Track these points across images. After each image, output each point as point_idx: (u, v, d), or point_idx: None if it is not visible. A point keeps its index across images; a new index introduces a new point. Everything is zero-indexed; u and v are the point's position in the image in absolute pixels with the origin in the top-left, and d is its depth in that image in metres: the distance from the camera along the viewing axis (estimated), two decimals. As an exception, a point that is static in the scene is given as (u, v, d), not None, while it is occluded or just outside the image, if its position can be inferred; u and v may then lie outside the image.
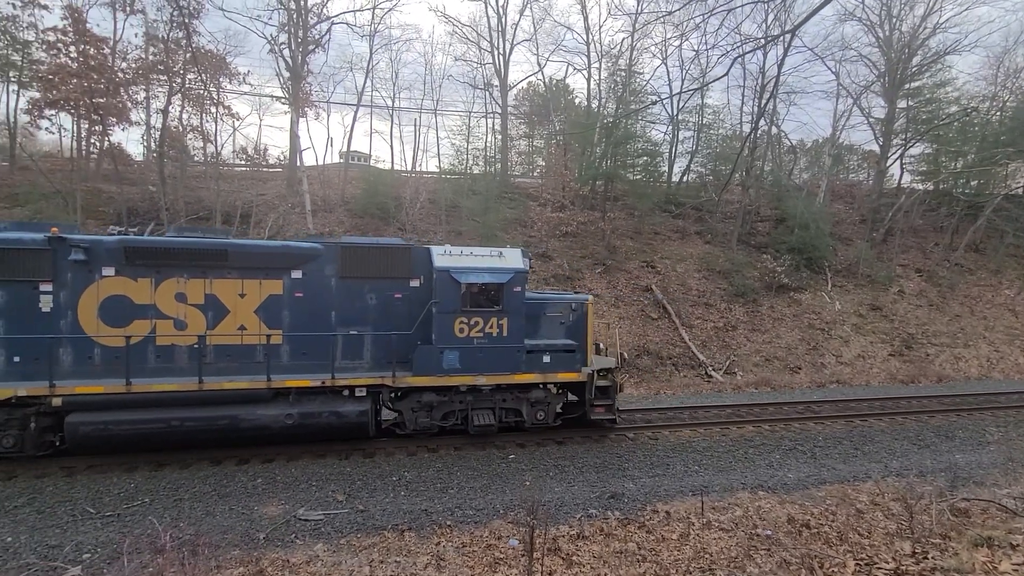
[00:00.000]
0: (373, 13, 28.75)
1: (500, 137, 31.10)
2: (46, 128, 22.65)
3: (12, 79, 21.41)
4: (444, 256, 9.28)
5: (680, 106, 27.70)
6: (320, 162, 29.41)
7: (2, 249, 7.93)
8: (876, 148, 29.79)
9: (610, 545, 6.40)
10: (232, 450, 8.72)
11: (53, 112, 20.69)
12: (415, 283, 9.46)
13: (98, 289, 8.36)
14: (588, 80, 30.98)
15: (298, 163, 24.06)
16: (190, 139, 23.94)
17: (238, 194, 22.05)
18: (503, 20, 29.77)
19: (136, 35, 23.03)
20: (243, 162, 28.51)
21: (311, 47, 24.30)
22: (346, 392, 9.04)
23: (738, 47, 9.04)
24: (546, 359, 9.64)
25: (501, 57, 29.78)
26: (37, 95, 20.42)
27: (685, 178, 29.87)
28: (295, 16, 23.51)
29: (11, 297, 8.01)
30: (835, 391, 16.00)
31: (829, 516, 7.32)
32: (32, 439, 8.06)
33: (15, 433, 8.00)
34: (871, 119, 28.78)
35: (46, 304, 8.18)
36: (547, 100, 32.64)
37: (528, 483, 8.05)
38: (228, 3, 27.13)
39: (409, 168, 31.69)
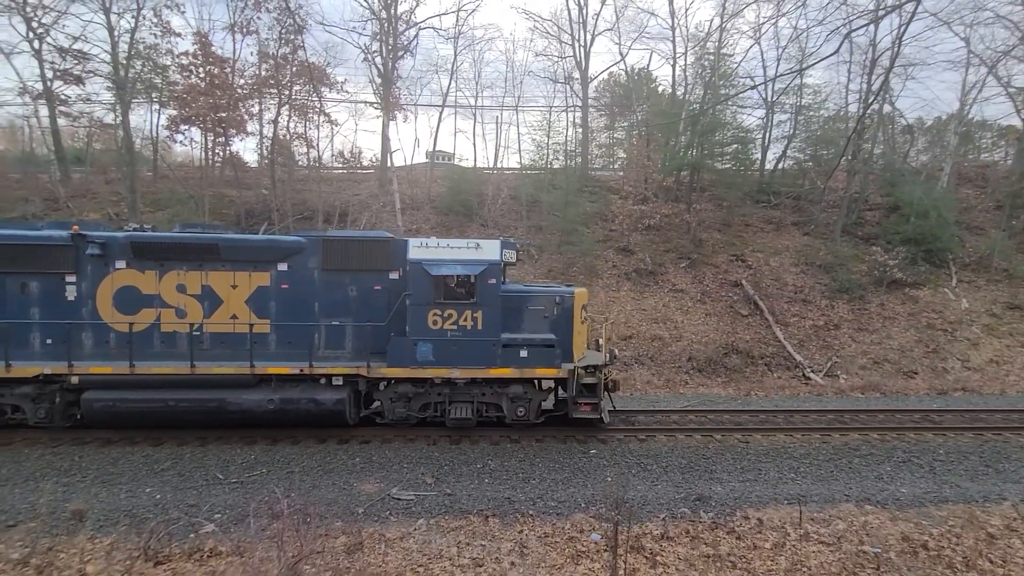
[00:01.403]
0: (457, 16, 29.61)
1: (580, 130, 30.77)
2: (180, 141, 25.94)
3: (154, 100, 24.69)
4: (419, 248, 9.33)
5: (776, 89, 25.76)
6: (408, 162, 30.88)
7: (36, 246, 9.15)
8: (1017, 123, 25.80)
9: (697, 548, 6.23)
10: (334, 431, 9.51)
11: (186, 127, 23.62)
12: (394, 275, 9.56)
13: (112, 280, 9.30)
14: (673, 67, 29.76)
15: (388, 164, 25.45)
16: (295, 146, 26.23)
17: (336, 195, 23.80)
18: (584, 11, 29.37)
19: (251, 54, 25.48)
20: (340, 165, 30.69)
21: (400, 53, 25.55)
22: (323, 380, 9.35)
23: (847, 22, 8.22)
24: (523, 353, 9.31)
25: (582, 49, 29.42)
26: (174, 112, 23.42)
27: (781, 165, 27.74)
28: (386, 24, 24.81)
29: (43, 287, 9.18)
30: (960, 400, 14.18)
31: (952, 538, 6.58)
32: (59, 412, 9.19)
33: (46, 406, 9.16)
34: (1011, 89, 24.94)
35: (71, 293, 9.26)
36: (629, 90, 31.75)
37: (610, 479, 8.02)
38: (327, 17, 29.09)
39: (491, 165, 32.33)
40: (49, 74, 21.64)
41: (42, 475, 7.84)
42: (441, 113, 29.59)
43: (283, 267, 9.51)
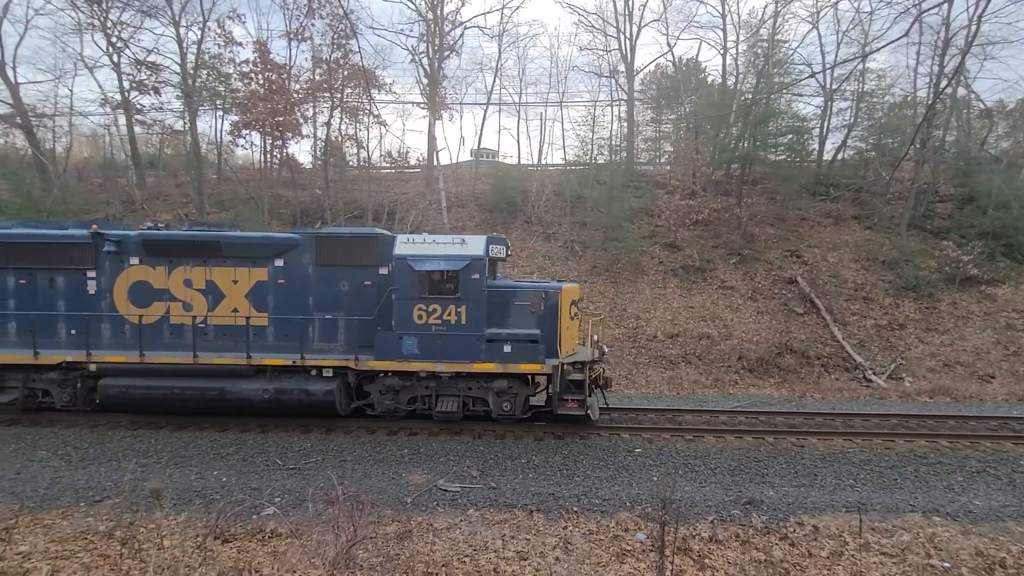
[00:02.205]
0: (502, 14, 29.75)
1: (625, 125, 30.25)
2: (241, 145, 27.48)
3: (218, 106, 26.24)
4: (405, 244, 9.44)
5: (836, 75, 24.40)
6: (453, 161, 31.38)
7: (61, 244, 9.84)
8: (1119, 103, 23.29)
9: (748, 553, 6.07)
10: (383, 422, 9.86)
11: (247, 131, 24.97)
12: (384, 271, 9.69)
13: (127, 276, 9.92)
14: (724, 56, 28.73)
15: (435, 163, 25.93)
16: (347, 147, 27.19)
17: (385, 194, 24.50)
18: (630, 2, 28.81)
19: (306, 59, 26.58)
20: (389, 165, 31.56)
21: (446, 53, 25.95)
22: (314, 372, 9.63)
23: (917, 3, 7.67)
24: (507, 348, 9.28)
25: (628, 41, 28.88)
26: (236, 118, 24.80)
27: (840, 156, 26.27)
28: (432, 26, 25.24)
29: (68, 282, 9.90)
30: (1045, 408, 13.05)
31: (1033, 556, 6.10)
32: (81, 396, 9.95)
33: (70, 391, 9.95)
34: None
35: (92, 288, 9.92)
36: (676, 82, 30.90)
37: (656, 478, 7.92)
38: (374, 18, 29.90)
39: (535, 162, 32.32)
40: (126, 85, 23.38)
41: (123, 456, 8.53)
42: (486, 111, 29.91)
43: (279, 263, 9.88)
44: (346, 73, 23.35)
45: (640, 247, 20.63)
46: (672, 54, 31.71)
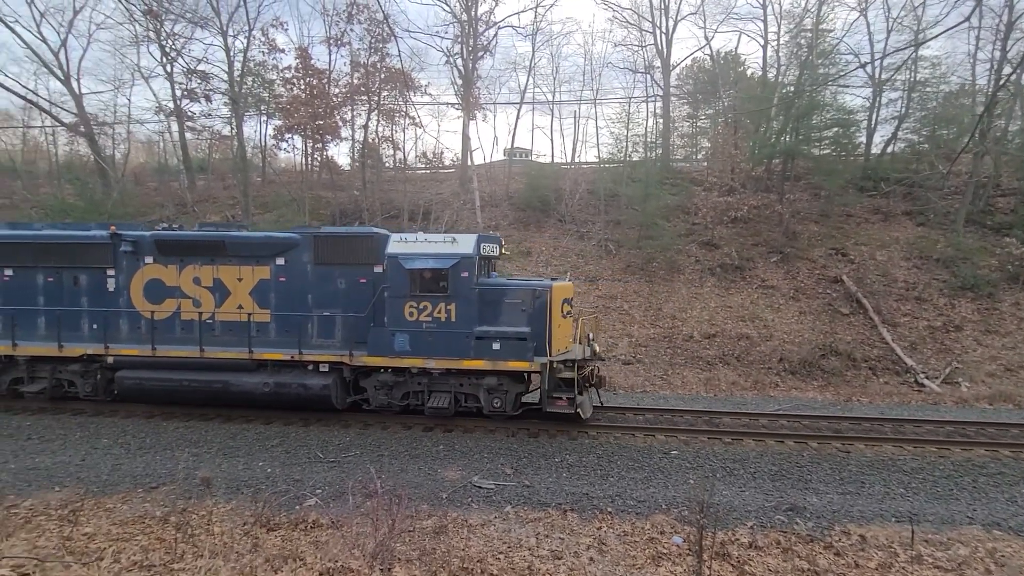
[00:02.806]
0: (535, 12, 29.70)
1: (661, 121, 29.72)
2: (284, 148, 28.48)
3: (262, 112, 27.29)
4: (398, 243, 9.59)
5: (886, 64, 23.25)
6: (487, 160, 31.56)
7: (84, 244, 10.46)
8: None
9: (790, 561, 5.89)
10: (419, 418, 10.04)
11: (289, 135, 25.87)
12: (378, 269, 9.81)
13: (143, 274, 10.43)
14: (764, 47, 27.86)
15: (469, 162, 26.17)
16: (383, 149, 27.79)
17: (420, 194, 24.89)
18: (666, -4, 28.24)
19: (344, 64, 27.30)
20: (424, 165, 32.06)
21: (480, 54, 26.13)
22: (311, 367, 9.91)
23: (976, -15, 7.21)
24: (496, 346, 9.27)
25: (663, 36, 28.39)
26: (279, 122, 25.72)
27: (890, 149, 25.02)
28: (467, 27, 25.48)
29: (91, 280, 10.51)
30: (1122, 417, 12.09)
31: (1106, 576, 5.69)
32: (101, 387, 10.61)
33: (91, 381, 10.60)
34: None
35: (111, 285, 10.49)
36: (714, 76, 30.14)
37: (692, 481, 7.78)
38: (410, 21, 30.34)
39: (568, 160, 32.18)
40: (178, 94, 24.60)
41: (177, 446, 9.00)
42: (519, 110, 29.93)
43: (280, 261, 10.20)
44: (383, 76, 23.85)
45: (676, 245, 20.24)
46: (710, 48, 31.01)
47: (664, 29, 28.34)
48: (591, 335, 10.25)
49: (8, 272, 10.67)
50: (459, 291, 9.32)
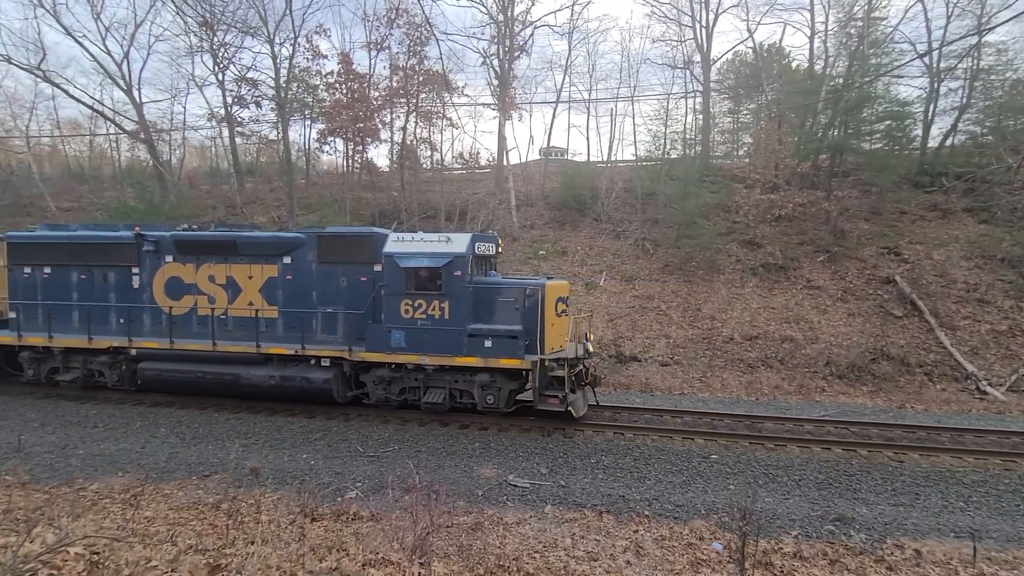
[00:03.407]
0: (572, 10, 29.53)
1: (701, 117, 29.00)
2: (326, 151, 29.35)
3: (306, 116, 28.25)
4: (394, 243, 9.83)
5: (946, 51, 21.90)
6: (523, 160, 31.63)
7: (112, 244, 11.19)
8: None
9: (838, 574, 5.67)
10: (456, 415, 10.17)
11: (332, 138, 26.66)
12: (377, 267, 10.03)
13: (163, 272, 11.06)
14: (811, 38, 26.75)
15: (504, 162, 26.28)
16: (421, 150, 28.28)
17: (456, 194, 25.17)
18: (707, -12, 27.51)
19: (384, 67, 27.94)
20: (460, 166, 32.43)
21: (516, 54, 26.19)
22: (313, 361, 10.28)
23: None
24: (487, 344, 9.38)
25: (703, 30, 27.67)
26: (322, 126, 26.58)
27: (949, 141, 23.55)
28: (503, 27, 25.58)
29: (118, 277, 11.25)
30: None
31: None
32: (126, 377, 11.34)
33: (118, 372, 11.34)
34: None
35: (136, 282, 11.18)
36: (757, 69, 29.14)
37: (732, 487, 7.59)
38: (448, 24, 30.71)
39: (605, 159, 31.86)
40: (229, 100, 25.77)
41: (227, 436, 9.46)
42: (555, 109, 29.84)
43: (287, 260, 10.62)
44: (421, 79, 24.26)
45: (716, 244, 19.71)
46: (752, 40, 29.89)
47: (704, 23, 27.65)
48: (590, 335, 10.38)
49: (47, 270, 11.55)
50: (452, 289, 9.51)
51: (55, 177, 32.34)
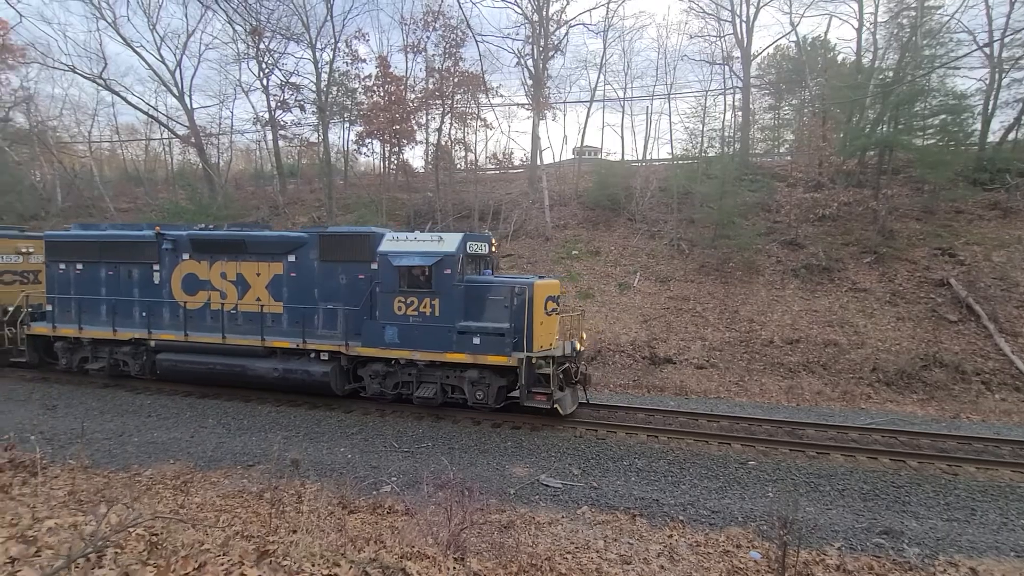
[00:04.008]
0: (607, 8, 29.24)
1: (740, 114, 28.25)
2: (364, 153, 30.06)
3: (345, 119, 29.01)
4: (389, 241, 10.09)
5: (1008, 40, 20.59)
6: (556, 160, 31.53)
7: (136, 242, 11.86)
8: None
9: (883, 587, 5.45)
10: (488, 414, 10.25)
11: (369, 140, 27.27)
12: (374, 266, 10.25)
13: (180, 269, 11.63)
14: (859, 30, 25.60)
15: (538, 162, 26.28)
16: (455, 151, 28.62)
17: (490, 194, 25.35)
18: (747, -19, 26.75)
19: (420, 70, 28.40)
20: (494, 166, 32.64)
21: (551, 53, 26.14)
22: (313, 355, 10.69)
23: None
24: (476, 340, 9.56)
25: (743, 24, 26.93)
26: (360, 129, 27.24)
27: (1013, 135, 22.12)
28: (538, 27, 25.59)
29: (141, 273, 11.92)
30: None
31: None
32: (147, 367, 12.00)
33: (140, 362, 12.06)
34: None
35: (156, 278, 11.82)
36: (800, 64, 28.11)
37: (772, 495, 7.39)
38: (483, 25, 30.94)
39: (640, 158, 31.44)
40: (272, 105, 26.71)
41: (269, 428, 9.83)
42: (589, 108, 29.63)
43: (292, 258, 11.01)
44: (456, 80, 24.52)
45: (755, 245, 19.14)
46: (796, 33, 28.95)
47: (744, 17, 26.90)
48: (581, 333, 10.64)
49: (79, 266, 12.37)
50: (442, 287, 9.72)
51: (114, 179, 34.32)
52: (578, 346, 10.14)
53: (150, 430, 9.75)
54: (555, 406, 9.52)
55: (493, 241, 11.07)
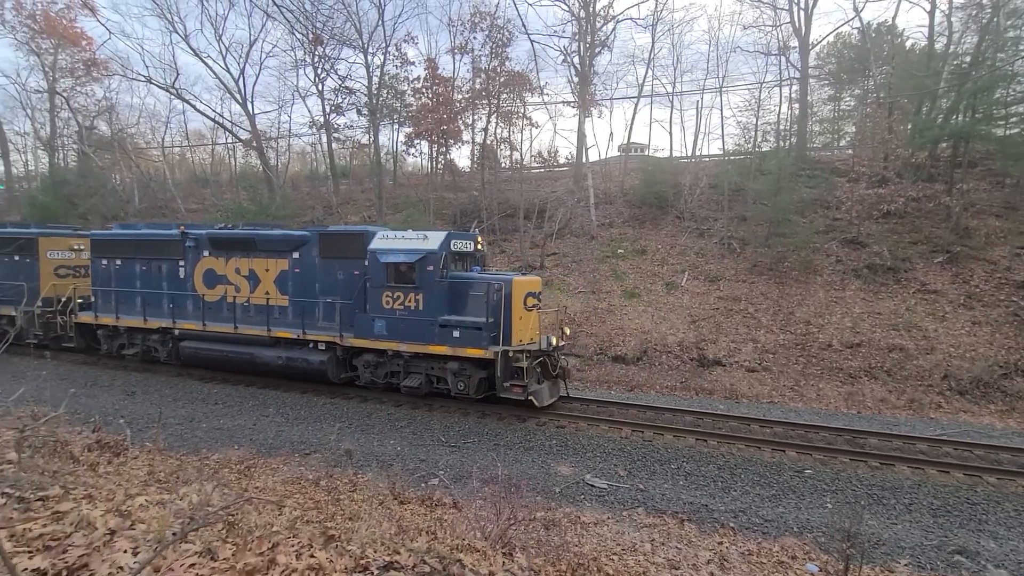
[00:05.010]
0: (656, 1, 28.60)
1: (797, 106, 26.93)
2: (412, 154, 30.78)
3: (394, 121, 29.81)
4: (379, 239, 10.68)
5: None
6: (602, 157, 31.17)
7: (164, 241, 13.05)
8: None
9: (955, 609, 5.13)
10: (534, 412, 10.32)
11: (418, 141, 27.90)
12: (367, 262, 10.79)
13: (202, 264, 12.64)
14: (931, 13, 23.83)
15: (583, 160, 26.07)
16: (500, 150, 28.81)
17: (535, 193, 25.36)
18: (807, -33, 25.45)
19: (467, 70, 28.79)
20: (539, 164, 32.63)
21: (598, 49, 25.84)
22: (311, 345, 11.42)
23: None
24: (456, 334, 9.97)
25: (801, 13, 25.63)
26: (409, 130, 27.88)
27: (1113, 123, 20.03)
28: (584, 23, 25.37)
29: (169, 269, 13.06)
30: None
31: None
32: (173, 354, 13.13)
33: (167, 349, 13.19)
34: None
35: (181, 273, 12.90)
36: (864, 51, 26.50)
37: (830, 506, 7.08)
38: (529, 24, 30.99)
39: (689, 154, 30.60)
40: (327, 109, 27.77)
41: (324, 419, 10.28)
42: (636, 104, 29.08)
43: (296, 255, 11.75)
44: (502, 80, 24.67)
45: (812, 243, 18.25)
46: (860, 20, 27.23)
47: (802, 5, 25.59)
48: (564, 330, 11.23)
49: (118, 262, 13.67)
50: (425, 283, 10.21)
51: (184, 182, 36.67)
52: (554, 341, 10.42)
53: (217, 417, 10.40)
54: (530, 398, 9.84)
55: (479, 239, 11.59)
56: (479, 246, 11.52)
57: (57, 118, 33.49)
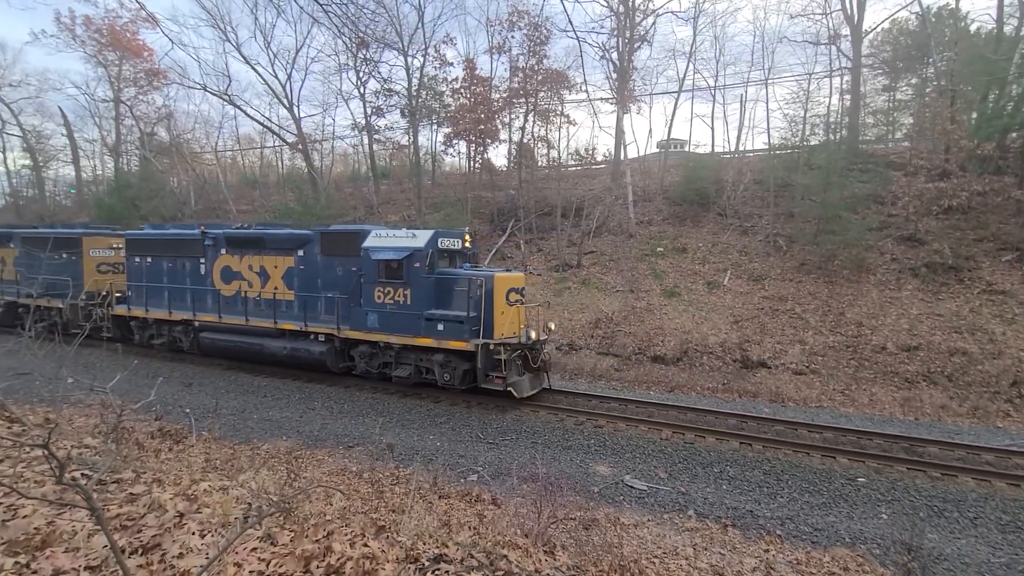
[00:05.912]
0: (698, -7, 27.78)
1: (848, 97, 25.67)
2: (450, 154, 31.16)
3: (433, 121, 30.25)
4: (372, 238, 11.30)
5: None
6: (641, 154, 30.65)
7: (187, 240, 14.04)
8: None
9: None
10: (571, 413, 10.32)
11: (456, 140, 28.22)
12: (362, 259, 11.31)
13: (219, 262, 13.50)
14: (1001, -7, 22.21)
15: (622, 157, 25.72)
16: (538, 148, 28.76)
17: (572, 191, 25.21)
18: (861, -50, 24.19)
19: (505, 70, 28.90)
20: (576, 162, 32.40)
21: (637, 44, 25.42)
22: (312, 337, 12.14)
23: None
24: (440, 327, 10.47)
25: (855, -1, 24.40)
26: (448, 130, 28.24)
27: None
28: (623, 19, 25.00)
29: (191, 266, 14.04)
30: None
31: None
32: (195, 344, 14.11)
33: (189, 340, 14.20)
34: None
35: (202, 270, 13.84)
36: (923, 37, 24.99)
37: (886, 517, 6.76)
38: (566, 21, 30.71)
39: (732, 149, 29.71)
40: (368, 111, 28.48)
41: (367, 413, 10.57)
42: (677, 99, 28.41)
43: (300, 253, 12.47)
44: (540, 78, 24.61)
45: (865, 241, 17.36)
46: (919, 4, 25.68)
47: (856, -10, 24.36)
48: (552, 325, 11.84)
49: (148, 259, 14.82)
50: (412, 278, 10.77)
51: (235, 184, 38.39)
52: (533, 335, 10.72)
53: (266, 408, 10.86)
54: (509, 388, 10.22)
55: (467, 237, 11.97)
56: (467, 243, 11.93)
57: (121, 125, 35.76)
